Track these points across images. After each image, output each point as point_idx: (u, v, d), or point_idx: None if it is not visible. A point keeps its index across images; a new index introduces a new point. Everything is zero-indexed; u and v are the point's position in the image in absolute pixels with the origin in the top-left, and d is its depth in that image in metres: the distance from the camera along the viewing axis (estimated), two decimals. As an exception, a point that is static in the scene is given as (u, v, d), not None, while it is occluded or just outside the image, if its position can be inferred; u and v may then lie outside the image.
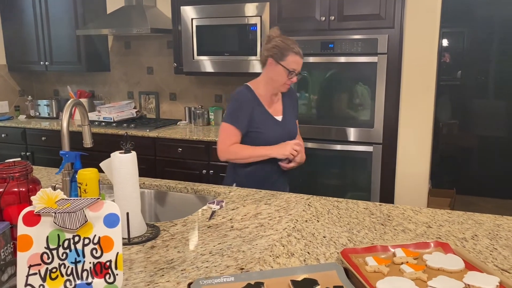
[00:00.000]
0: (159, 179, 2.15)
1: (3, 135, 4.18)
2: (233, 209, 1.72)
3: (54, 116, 4.41)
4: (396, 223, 1.58)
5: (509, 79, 4.80)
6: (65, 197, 1.08)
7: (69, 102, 1.58)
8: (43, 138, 4.01)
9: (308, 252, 1.34)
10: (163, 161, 3.61)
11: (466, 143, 5.03)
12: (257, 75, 3.45)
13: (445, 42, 5.08)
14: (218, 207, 1.73)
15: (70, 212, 1.03)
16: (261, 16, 3.30)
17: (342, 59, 2.99)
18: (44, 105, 4.42)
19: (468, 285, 1.08)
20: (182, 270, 1.22)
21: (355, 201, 1.82)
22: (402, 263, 1.20)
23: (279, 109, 2.19)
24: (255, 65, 3.38)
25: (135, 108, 4.23)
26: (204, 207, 1.75)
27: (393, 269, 1.18)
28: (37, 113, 4.45)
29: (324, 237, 1.45)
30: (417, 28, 2.91)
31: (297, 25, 3.05)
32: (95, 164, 1.55)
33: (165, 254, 1.33)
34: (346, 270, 1.15)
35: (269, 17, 3.16)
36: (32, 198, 1.05)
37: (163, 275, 1.19)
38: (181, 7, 3.53)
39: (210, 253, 1.33)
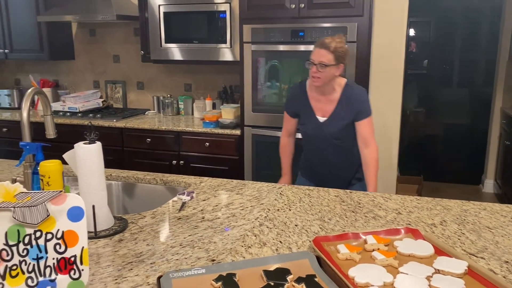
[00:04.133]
0: (127, 171, 2.10)
1: (-39, 126, 3.98)
2: (204, 200, 1.69)
3: (16, 106, 4.24)
4: (366, 210, 1.59)
5: (472, 68, 4.93)
6: (24, 190, 1.03)
7: (29, 91, 1.51)
8: (4, 130, 3.85)
9: (280, 241, 1.32)
10: (131, 152, 3.53)
11: (432, 131, 5.16)
12: (227, 63, 3.37)
13: (411, 32, 5.16)
14: (189, 198, 1.70)
15: (31, 206, 0.98)
16: (230, 3, 3.24)
17: (313, 48, 2.97)
18: (5, 95, 4.24)
19: (438, 270, 1.09)
20: (151, 263, 1.19)
21: (326, 189, 1.83)
22: (373, 250, 1.21)
23: (327, 110, 2.17)
24: (225, 53, 3.32)
25: (101, 97, 4.10)
26: (174, 198, 1.71)
27: (365, 256, 1.18)
28: (-3, 103, 4.27)
29: (296, 225, 1.45)
30: (386, 17, 2.93)
31: (267, 12, 3.01)
32: (59, 156, 1.48)
33: (134, 247, 1.29)
34: (318, 258, 1.15)
35: (238, 4, 3.10)
36: (-12, 192, 0.99)
37: (131, 269, 1.16)
38: (147, -7, 3.43)
39: (180, 245, 1.30)
